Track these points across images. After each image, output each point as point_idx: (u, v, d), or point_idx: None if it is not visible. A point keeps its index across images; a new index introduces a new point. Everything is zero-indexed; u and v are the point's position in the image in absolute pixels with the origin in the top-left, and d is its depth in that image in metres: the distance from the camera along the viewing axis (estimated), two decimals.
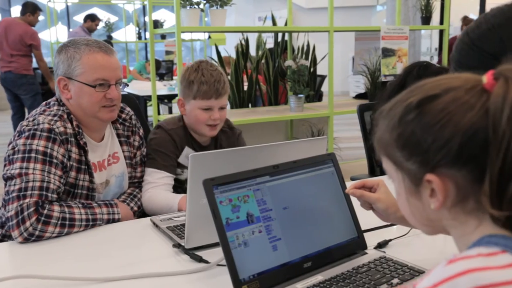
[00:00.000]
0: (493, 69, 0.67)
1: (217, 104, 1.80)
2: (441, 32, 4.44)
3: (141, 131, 1.83)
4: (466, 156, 0.64)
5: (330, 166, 1.27)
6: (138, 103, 2.11)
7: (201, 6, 3.53)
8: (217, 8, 3.56)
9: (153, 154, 1.81)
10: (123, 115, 1.78)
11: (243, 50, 4.39)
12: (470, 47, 1.00)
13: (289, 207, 1.15)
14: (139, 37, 9.60)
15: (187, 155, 1.83)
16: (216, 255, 1.23)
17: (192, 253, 1.27)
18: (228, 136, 1.97)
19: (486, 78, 0.66)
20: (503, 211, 0.63)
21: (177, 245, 1.33)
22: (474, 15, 9.77)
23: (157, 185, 1.76)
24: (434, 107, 0.67)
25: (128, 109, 1.81)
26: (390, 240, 1.32)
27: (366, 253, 1.23)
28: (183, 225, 1.41)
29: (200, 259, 1.24)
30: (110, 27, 9.51)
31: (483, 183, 0.64)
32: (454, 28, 8.55)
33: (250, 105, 4.41)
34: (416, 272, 1.12)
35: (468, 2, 9.49)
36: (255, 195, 1.12)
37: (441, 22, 4.43)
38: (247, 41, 4.47)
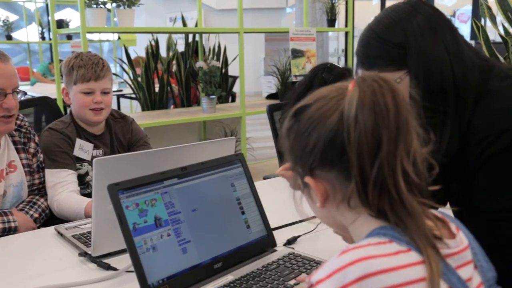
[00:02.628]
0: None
1: (97, 87, 1.82)
2: (347, 34, 4.63)
3: (37, 138, 1.78)
4: (330, 159, 0.69)
5: (239, 166, 1.28)
6: (58, 106, 2.06)
7: (108, 6, 3.42)
8: (124, 8, 3.46)
9: (51, 155, 1.77)
10: (18, 121, 1.70)
11: (153, 51, 4.31)
12: (376, 39, 1.07)
13: (198, 209, 1.15)
14: (43, 37, 9.11)
15: (81, 147, 1.81)
16: (124, 261, 1.20)
17: (99, 261, 1.23)
18: (121, 125, 1.98)
19: (351, 84, 0.70)
20: (370, 207, 0.68)
21: (84, 254, 1.27)
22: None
23: (66, 183, 1.73)
24: (304, 116, 0.72)
25: (21, 115, 1.74)
26: (299, 236, 1.36)
27: (275, 251, 1.25)
28: (90, 232, 1.36)
29: (108, 267, 1.20)
30: (9, 26, 8.93)
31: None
32: (359, 31, 8.97)
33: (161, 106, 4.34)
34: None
35: (370, 6, 10.01)
36: (163, 198, 1.10)
37: (346, 25, 4.63)
38: (157, 42, 4.39)
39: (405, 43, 1.03)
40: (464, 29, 9.84)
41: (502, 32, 2.21)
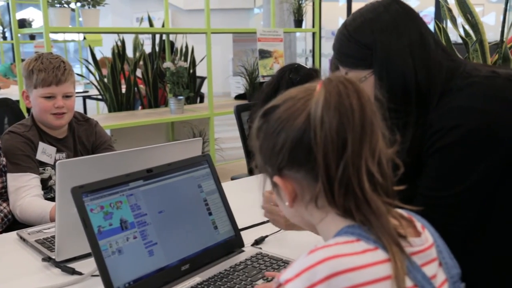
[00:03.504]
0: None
1: (59, 91, 1.77)
2: (314, 35, 4.67)
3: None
4: (298, 159, 0.70)
5: (206, 167, 1.28)
6: (19, 108, 2.00)
7: (72, 5, 3.36)
8: (89, 8, 3.41)
9: (13, 159, 1.72)
10: None
11: (119, 52, 4.25)
12: (348, 38, 1.10)
13: (164, 211, 1.14)
14: (4, 37, 8.87)
15: (44, 151, 1.78)
16: (90, 265, 1.18)
17: (63, 265, 1.20)
18: (85, 128, 1.94)
19: (318, 85, 0.71)
20: (337, 207, 0.69)
21: (47, 259, 1.25)
22: (342, 19, 10.43)
23: (29, 187, 1.68)
24: (273, 116, 0.73)
25: None
26: (267, 236, 1.36)
27: (243, 251, 1.26)
28: (54, 237, 1.33)
29: (72, 271, 1.18)
30: None
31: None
32: (326, 31, 9.06)
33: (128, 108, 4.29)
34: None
35: (337, 7, 10.12)
36: (129, 200, 1.09)
37: (313, 26, 4.67)
38: (123, 42, 4.34)
39: (371, 44, 1.05)
40: None
41: (463, 34, 2.28)
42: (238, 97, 5.06)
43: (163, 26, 4.35)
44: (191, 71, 4.60)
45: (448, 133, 0.98)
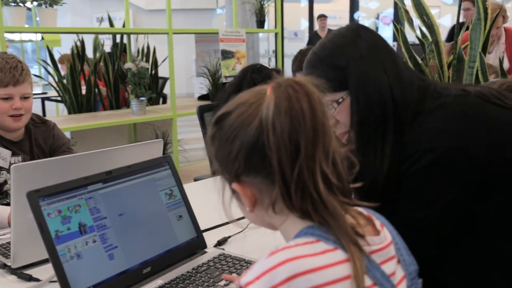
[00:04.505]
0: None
1: (16, 92, 1.72)
2: (277, 35, 4.69)
3: None
4: (254, 165, 0.70)
5: (167, 168, 1.27)
6: None
7: (28, 4, 3.27)
8: (46, 7, 3.32)
9: None
10: None
11: (78, 52, 4.16)
12: (320, 62, 1.12)
13: (125, 213, 1.13)
14: None
15: None
16: (48, 271, 1.15)
17: (20, 272, 1.17)
18: (42, 130, 1.89)
19: (268, 89, 0.71)
20: (295, 210, 0.69)
21: (3, 266, 1.21)
22: (304, 19, 10.54)
23: None
24: (226, 123, 0.72)
25: None
26: (229, 237, 1.36)
27: (206, 252, 1.25)
28: (9, 243, 1.29)
29: (29, 278, 1.15)
30: None
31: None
32: (288, 32, 9.13)
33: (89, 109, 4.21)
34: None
35: (299, 8, 10.22)
36: (88, 204, 1.07)
37: (276, 26, 4.70)
38: (82, 43, 4.25)
39: (346, 67, 1.06)
40: (387, 32, 10.27)
41: (419, 35, 2.33)
42: (202, 97, 5.03)
43: (123, 26, 4.29)
44: (153, 71, 4.55)
45: (422, 156, 1.00)
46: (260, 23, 4.55)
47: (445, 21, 10.32)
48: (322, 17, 8.17)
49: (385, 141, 1.05)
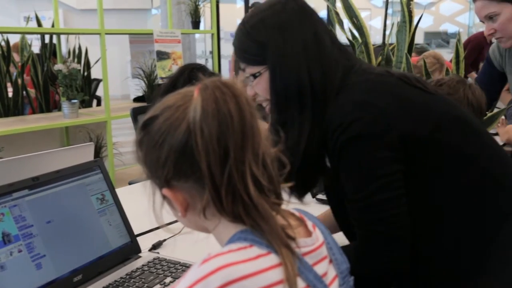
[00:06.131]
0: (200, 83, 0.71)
1: None
2: (213, 36, 4.68)
3: None
4: (184, 170, 0.69)
5: (98, 172, 1.24)
6: None
7: None
8: None
9: None
10: None
11: (4, 53, 3.97)
12: (245, 35, 1.10)
13: (53, 221, 1.08)
14: None
15: None
16: None
17: None
18: None
19: (195, 91, 0.69)
20: (227, 214, 0.69)
21: None
22: (240, 20, 10.57)
23: None
24: (153, 128, 0.70)
25: None
26: (164, 240, 1.34)
27: (140, 257, 1.23)
28: None
29: None
30: None
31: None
32: (225, 33, 9.12)
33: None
34: (188, 269, 1.16)
35: (234, 9, 10.25)
36: (12, 212, 1.02)
37: (212, 27, 4.68)
38: (8, 43, 4.05)
39: (266, 42, 1.05)
40: None
41: (350, 36, 2.41)
42: (137, 99, 4.93)
43: (53, 26, 4.13)
44: (85, 73, 4.41)
45: (348, 127, 0.97)
46: (196, 24, 4.52)
47: (376, 23, 10.70)
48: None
49: (303, 118, 1.03)
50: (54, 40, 4.27)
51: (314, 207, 1.62)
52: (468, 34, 9.76)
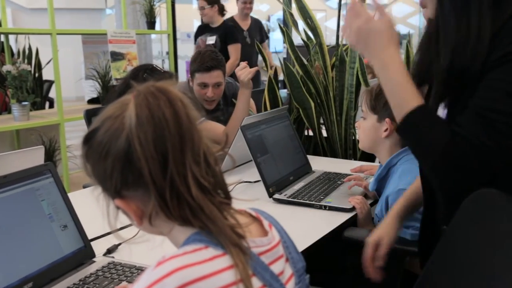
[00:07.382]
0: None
1: None
2: (169, 37, 4.63)
3: None
4: (131, 179, 0.68)
5: (48, 176, 1.20)
6: None
7: None
8: None
9: None
10: None
11: None
12: None
13: (0, 227, 1.05)
14: None
15: None
16: None
17: None
18: None
19: (130, 97, 0.69)
20: (175, 218, 0.68)
21: None
22: (197, 21, 10.52)
23: None
24: (95, 141, 0.70)
25: None
26: (120, 244, 1.32)
27: (94, 262, 1.20)
28: None
29: None
30: None
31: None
32: (181, 33, 9.05)
33: None
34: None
35: (191, 9, 10.19)
36: None
37: (167, 27, 4.63)
38: None
39: None
40: (278, 34, 10.59)
41: (304, 37, 2.44)
42: (92, 101, 4.83)
43: (0, 25, 3.98)
44: (36, 74, 4.28)
45: None
46: (151, 24, 4.46)
47: (332, 24, 10.86)
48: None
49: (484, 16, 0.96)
50: (2, 39, 4.12)
51: (271, 207, 1.64)
52: (419, 36, 10.05)
